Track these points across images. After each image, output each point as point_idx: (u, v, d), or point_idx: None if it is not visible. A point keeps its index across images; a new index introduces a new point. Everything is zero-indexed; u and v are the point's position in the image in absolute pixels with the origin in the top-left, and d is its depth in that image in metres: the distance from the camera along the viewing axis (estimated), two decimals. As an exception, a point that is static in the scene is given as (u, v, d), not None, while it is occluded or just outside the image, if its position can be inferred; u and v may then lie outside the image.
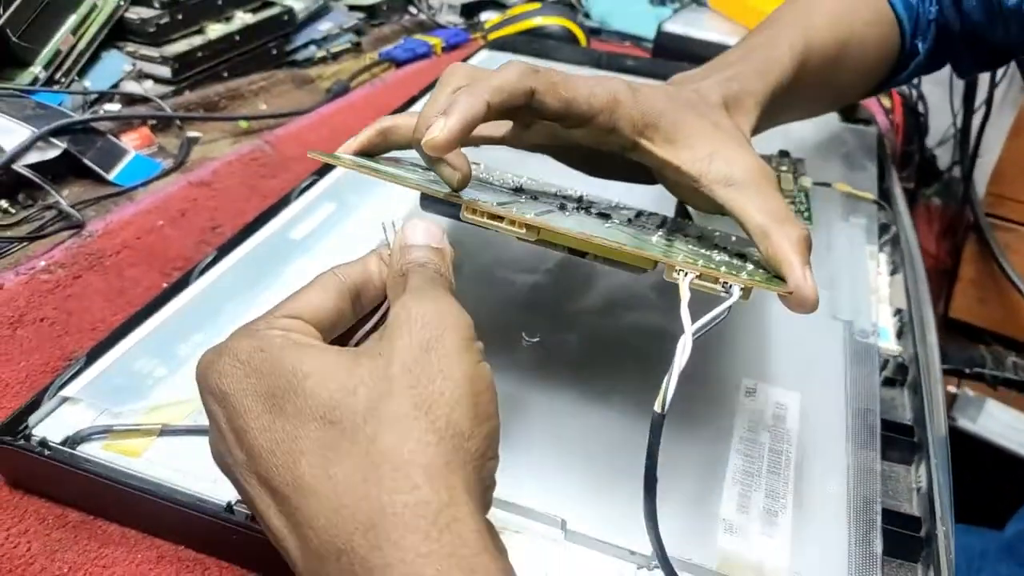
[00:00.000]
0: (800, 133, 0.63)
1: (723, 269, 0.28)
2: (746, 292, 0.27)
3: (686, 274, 0.27)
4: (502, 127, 0.36)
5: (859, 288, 0.44)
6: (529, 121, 0.34)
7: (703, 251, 0.32)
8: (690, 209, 0.40)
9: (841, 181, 0.54)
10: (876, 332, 0.41)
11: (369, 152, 0.35)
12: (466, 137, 0.28)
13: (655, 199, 0.50)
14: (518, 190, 0.37)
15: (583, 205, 0.37)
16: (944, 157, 1.23)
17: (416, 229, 0.28)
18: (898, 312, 0.44)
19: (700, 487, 0.32)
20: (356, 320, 0.28)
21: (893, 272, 0.47)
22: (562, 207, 0.34)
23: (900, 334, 0.42)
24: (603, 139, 0.33)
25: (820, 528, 0.31)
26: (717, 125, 0.34)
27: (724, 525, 0.31)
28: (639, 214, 0.39)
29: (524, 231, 0.29)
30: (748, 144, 0.34)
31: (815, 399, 0.37)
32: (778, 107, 0.40)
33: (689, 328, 0.25)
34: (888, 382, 0.40)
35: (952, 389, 0.97)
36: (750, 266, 0.31)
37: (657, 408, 0.25)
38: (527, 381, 0.36)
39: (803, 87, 0.42)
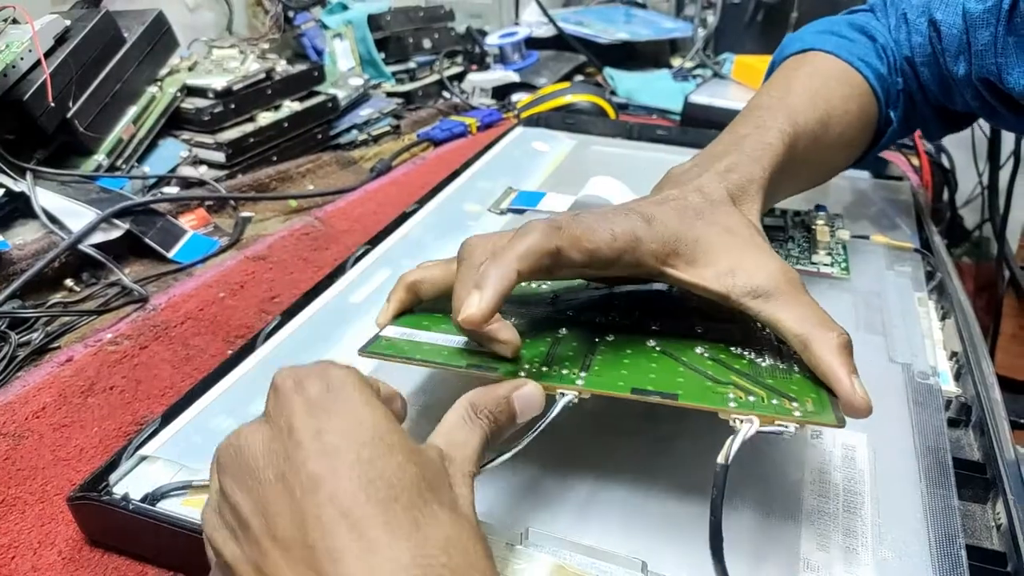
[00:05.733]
0: (834, 190, 0.65)
1: (770, 380, 0.30)
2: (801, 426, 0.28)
3: (743, 422, 0.28)
4: None
5: (913, 332, 0.44)
6: (557, 271, 0.33)
7: (747, 357, 0.33)
8: None
9: (881, 234, 0.55)
10: (936, 373, 0.41)
11: (405, 311, 0.37)
12: (500, 307, 0.29)
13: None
14: (553, 300, 0.38)
15: (619, 304, 0.38)
16: (969, 217, 1.24)
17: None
18: (954, 355, 0.44)
19: (777, 526, 0.32)
20: None
21: (943, 318, 0.47)
22: (599, 322, 0.36)
23: (958, 376, 0.42)
24: (630, 273, 0.33)
25: (904, 565, 0.30)
26: (730, 230, 0.34)
27: (804, 563, 0.30)
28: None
29: (578, 395, 0.30)
30: (765, 244, 0.34)
31: (882, 440, 0.36)
32: (775, 189, 0.40)
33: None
34: (952, 423, 0.40)
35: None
36: (796, 373, 0.31)
37: (721, 460, 0.26)
38: (597, 426, 0.37)
39: (795, 167, 0.43)
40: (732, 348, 0.33)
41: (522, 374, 0.31)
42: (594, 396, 0.30)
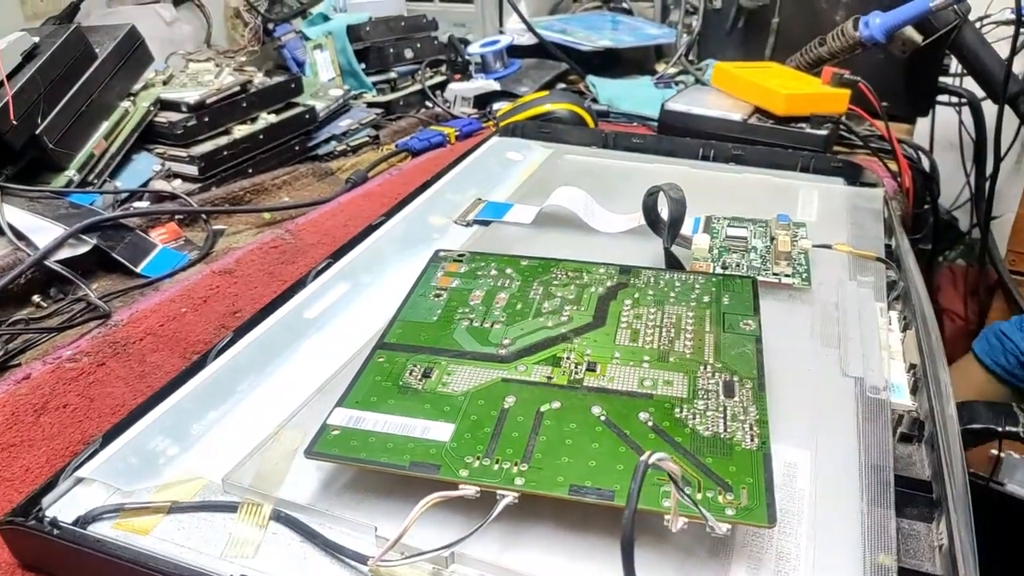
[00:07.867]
0: (805, 197, 0.64)
1: (709, 460, 0.31)
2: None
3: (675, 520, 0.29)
4: None
5: (869, 345, 0.43)
6: None
7: (690, 426, 0.34)
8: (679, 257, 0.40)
9: (846, 243, 0.54)
10: (888, 388, 0.40)
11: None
12: None
13: (648, 256, 0.51)
14: (504, 345, 0.40)
15: (573, 360, 0.39)
16: (964, 220, 1.22)
17: None
18: (912, 368, 0.43)
19: (707, 548, 0.31)
20: None
21: (905, 328, 0.47)
22: (549, 379, 0.37)
23: (915, 390, 0.42)
24: None
25: (836, 589, 0.30)
26: None
27: (735, 588, 0.30)
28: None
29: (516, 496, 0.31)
30: None
31: (827, 457, 0.36)
32: None
33: None
34: (905, 438, 0.39)
35: (994, 452, 0.94)
36: (737, 446, 0.32)
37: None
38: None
39: None
40: (676, 411, 0.35)
41: (463, 473, 0.31)
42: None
